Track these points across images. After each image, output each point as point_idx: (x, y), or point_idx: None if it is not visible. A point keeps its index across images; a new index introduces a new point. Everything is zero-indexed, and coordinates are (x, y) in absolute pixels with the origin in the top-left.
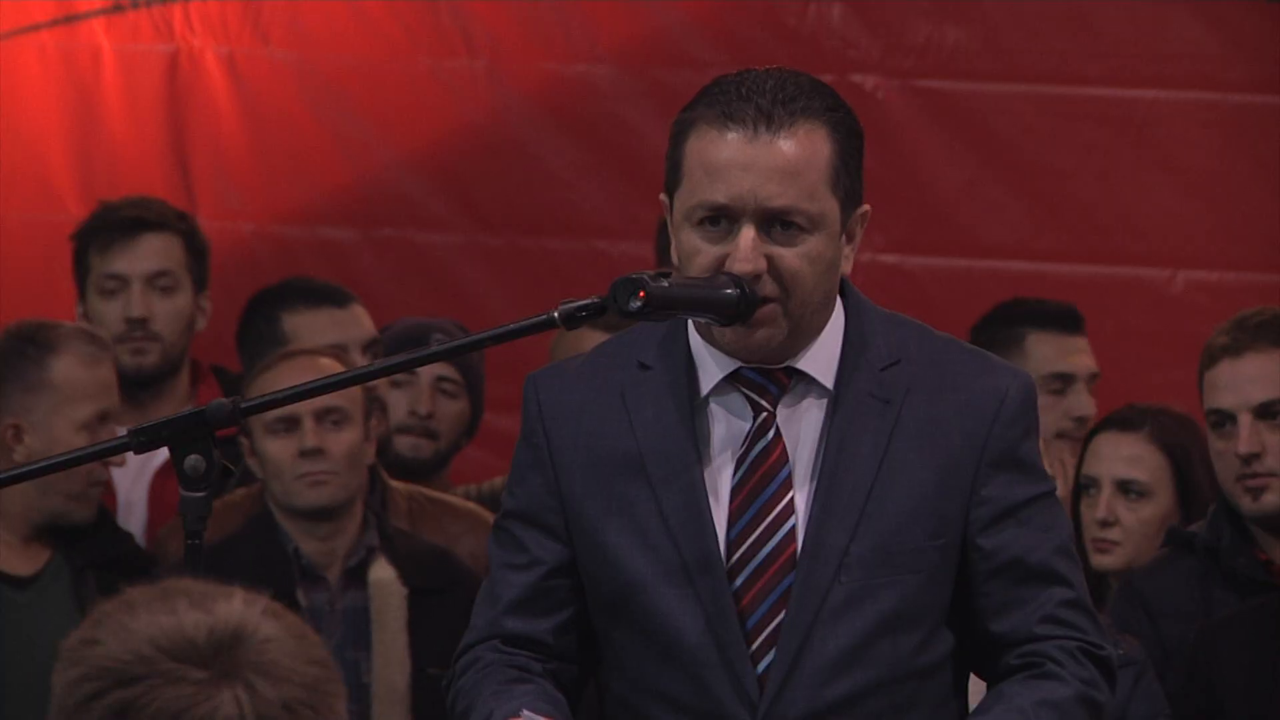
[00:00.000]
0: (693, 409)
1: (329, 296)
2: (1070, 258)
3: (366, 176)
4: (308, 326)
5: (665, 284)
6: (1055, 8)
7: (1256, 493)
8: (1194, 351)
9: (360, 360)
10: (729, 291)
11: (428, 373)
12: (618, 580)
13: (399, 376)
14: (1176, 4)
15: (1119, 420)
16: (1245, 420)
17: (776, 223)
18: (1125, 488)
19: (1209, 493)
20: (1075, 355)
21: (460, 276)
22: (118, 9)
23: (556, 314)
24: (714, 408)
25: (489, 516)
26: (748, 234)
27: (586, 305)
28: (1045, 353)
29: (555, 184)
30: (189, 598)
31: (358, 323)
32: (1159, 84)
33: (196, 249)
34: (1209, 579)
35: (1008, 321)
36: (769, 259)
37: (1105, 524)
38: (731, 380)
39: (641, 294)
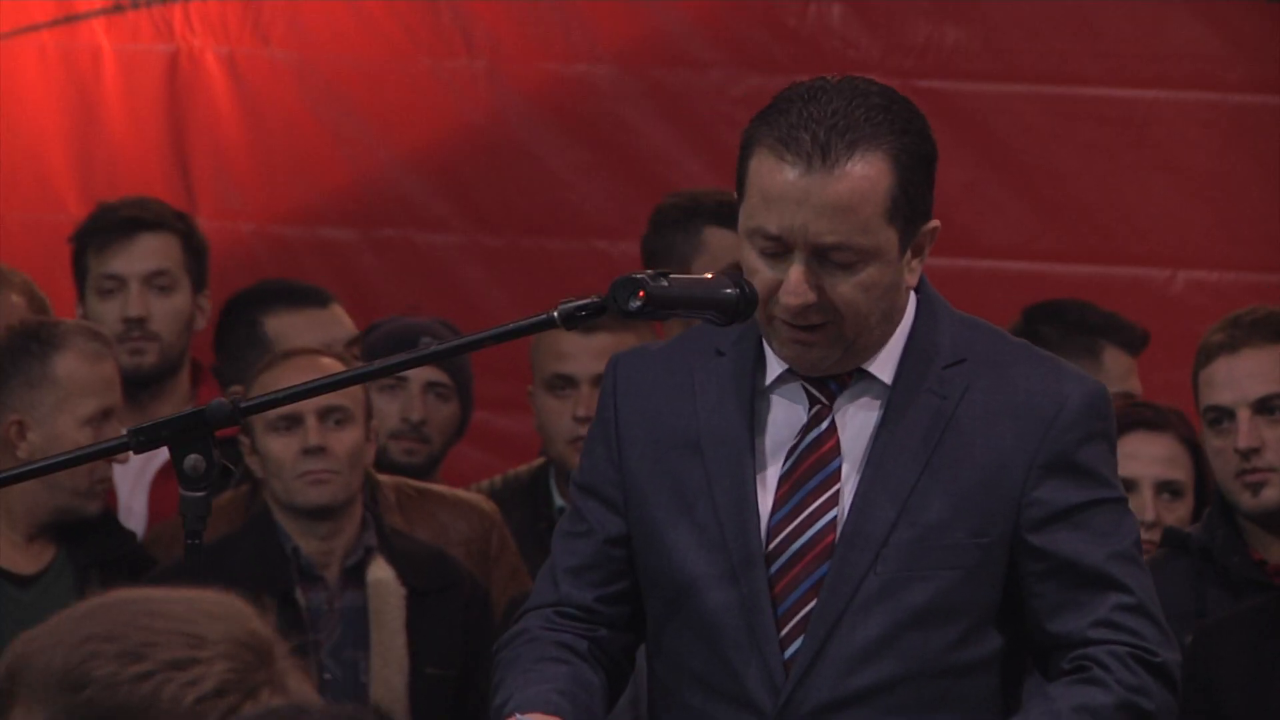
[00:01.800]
0: (754, 397)
1: (309, 298)
2: (1070, 258)
3: (366, 176)
4: (290, 328)
5: (665, 284)
6: (1055, 8)
7: (1256, 488)
8: (1194, 351)
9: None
10: (729, 291)
11: (418, 378)
12: (667, 571)
13: (389, 382)
14: (1176, 4)
15: (1145, 420)
16: (1244, 416)
17: (829, 255)
18: (1163, 489)
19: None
20: (1135, 376)
21: (460, 276)
22: (118, 9)
23: (556, 314)
24: (775, 397)
25: (479, 502)
26: (797, 270)
27: (586, 305)
28: (1119, 370)
29: (555, 184)
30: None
31: (338, 322)
32: (1159, 84)
33: (195, 249)
34: (1203, 579)
35: (1083, 328)
36: (821, 289)
37: (1151, 527)
38: (794, 372)
39: (641, 294)
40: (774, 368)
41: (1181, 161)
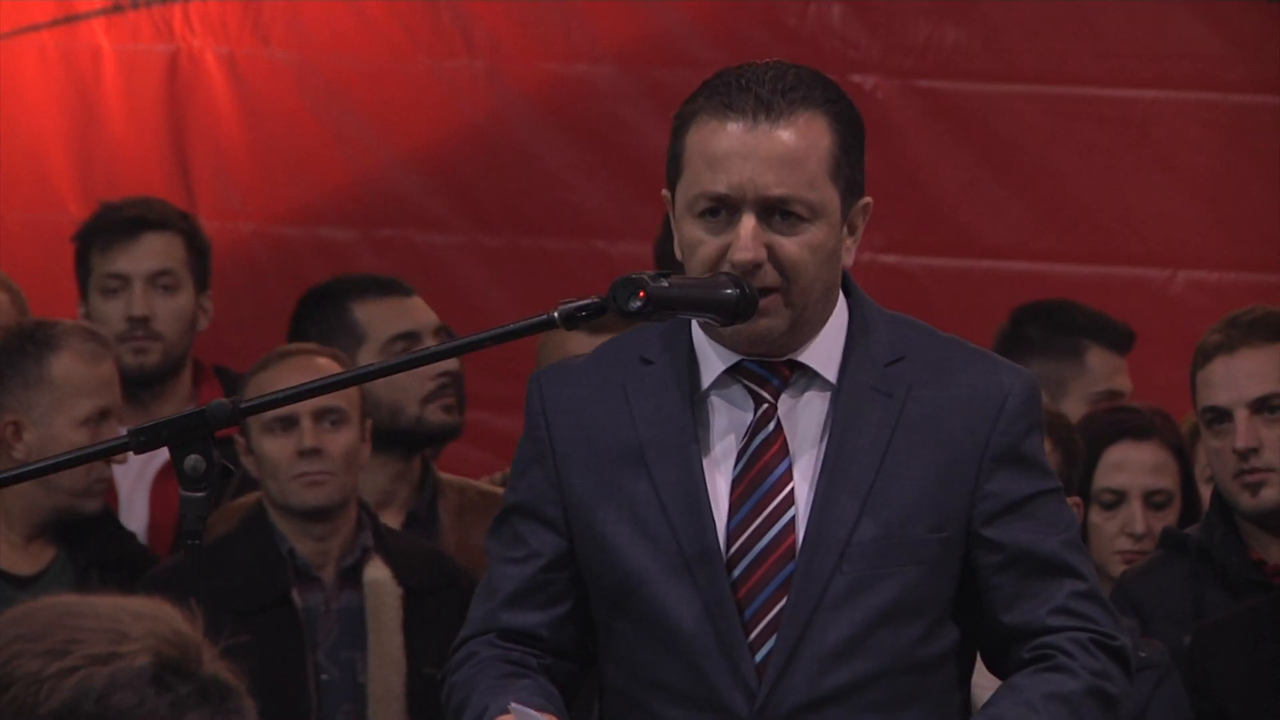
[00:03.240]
0: (693, 401)
1: (394, 286)
2: (1070, 258)
3: (366, 176)
4: (380, 315)
5: (665, 284)
6: (1055, 8)
7: (1255, 488)
8: (1194, 352)
9: (433, 344)
10: (729, 291)
11: None
12: (618, 572)
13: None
14: (1176, 4)
15: (1131, 429)
16: (1242, 416)
17: (776, 212)
18: (1151, 498)
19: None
20: (1123, 375)
21: (460, 276)
22: (118, 9)
23: (556, 314)
24: (715, 400)
25: None
26: (748, 223)
27: (586, 305)
28: (1104, 369)
29: (555, 184)
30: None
31: (424, 310)
32: (1159, 84)
33: (198, 248)
34: (1201, 580)
35: (1068, 328)
36: (769, 248)
37: (1141, 539)
38: (733, 373)
39: (641, 294)
40: (711, 370)
41: (1181, 161)
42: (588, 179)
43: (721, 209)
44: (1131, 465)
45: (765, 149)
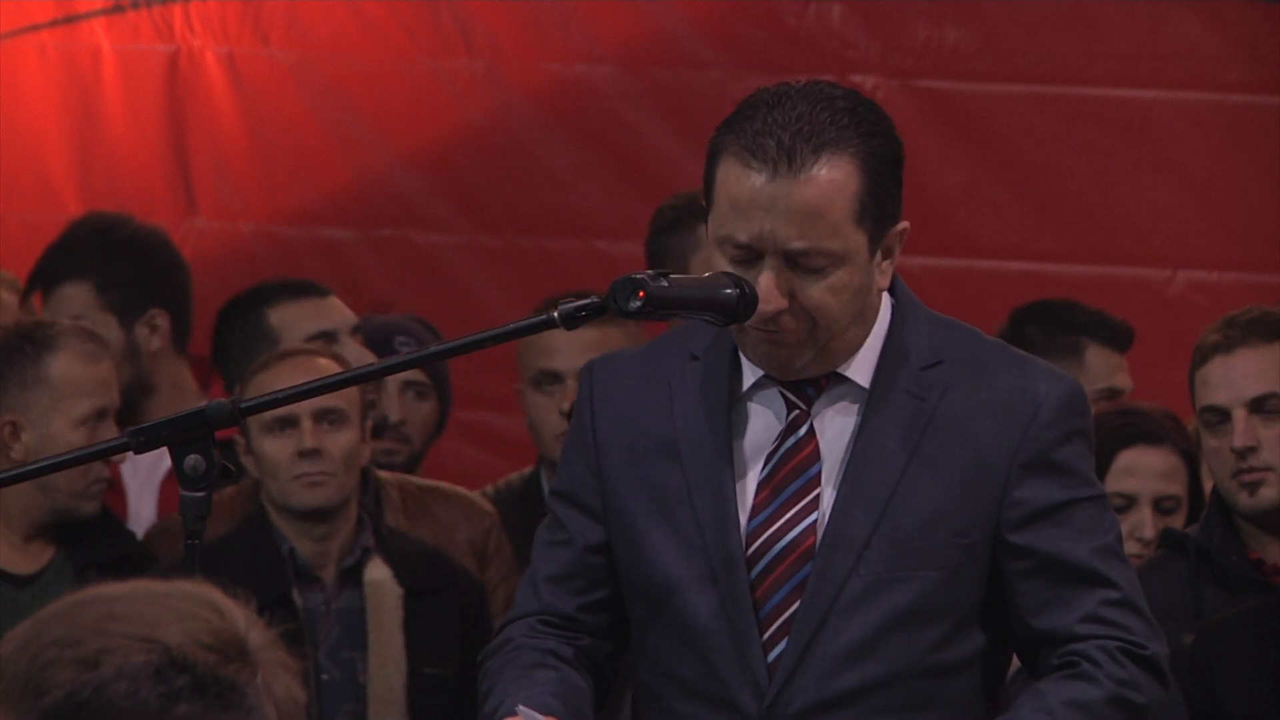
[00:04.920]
0: (731, 402)
1: (308, 289)
2: (1070, 258)
3: (366, 176)
4: (294, 317)
5: (665, 284)
6: (1055, 8)
7: (1253, 488)
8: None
9: (351, 345)
10: (729, 291)
11: (395, 378)
12: (654, 578)
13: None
14: (1176, 4)
15: (1144, 434)
16: (1240, 415)
17: (798, 260)
18: (1162, 503)
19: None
20: (1123, 372)
21: (460, 276)
22: (118, 9)
23: (556, 314)
24: (752, 403)
25: (481, 501)
26: (767, 277)
27: (586, 305)
28: (1102, 367)
29: (555, 184)
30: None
31: (339, 310)
32: (1159, 84)
33: (119, 278)
34: (1200, 579)
35: (1067, 327)
36: (792, 294)
37: (1149, 544)
38: (771, 377)
39: (641, 294)
40: (750, 374)
41: (1180, 162)
42: (588, 179)
43: (746, 253)
44: (1143, 470)
45: (785, 202)
